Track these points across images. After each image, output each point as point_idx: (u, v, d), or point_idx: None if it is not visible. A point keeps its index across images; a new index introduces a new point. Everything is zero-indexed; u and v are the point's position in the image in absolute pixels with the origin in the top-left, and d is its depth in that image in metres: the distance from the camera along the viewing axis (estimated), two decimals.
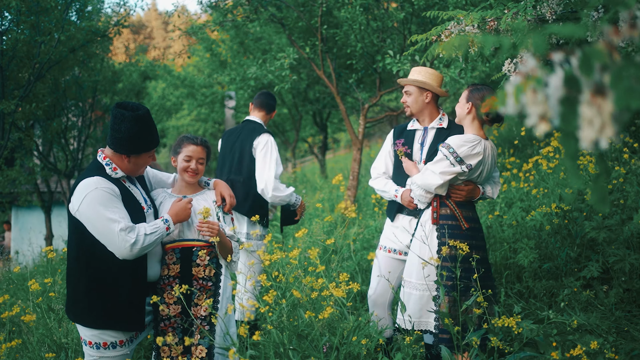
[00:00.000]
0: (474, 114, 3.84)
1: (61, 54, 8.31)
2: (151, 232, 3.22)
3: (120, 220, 3.12)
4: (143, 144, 3.34)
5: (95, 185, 3.17)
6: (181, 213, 3.45)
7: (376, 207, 6.87)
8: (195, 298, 3.51)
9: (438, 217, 3.75)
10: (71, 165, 11.49)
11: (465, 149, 3.68)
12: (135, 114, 3.26)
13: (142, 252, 3.18)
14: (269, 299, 2.55)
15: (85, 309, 3.29)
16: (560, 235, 5.41)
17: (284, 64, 7.34)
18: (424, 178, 3.75)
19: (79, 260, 3.28)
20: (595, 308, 4.80)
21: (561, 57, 1.03)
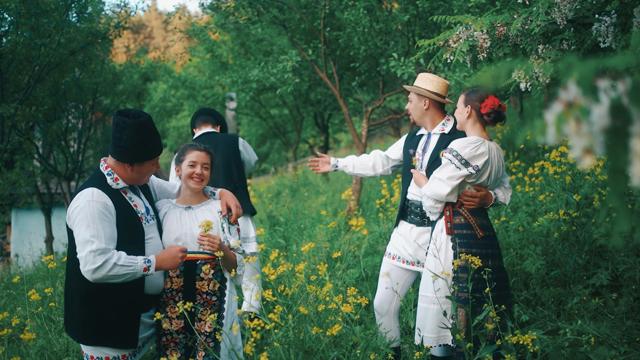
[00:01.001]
0: (474, 117, 3.77)
1: (61, 57, 8.22)
2: (123, 264, 3.04)
3: (95, 240, 3.01)
4: (146, 152, 3.26)
5: (88, 198, 3.10)
6: (169, 260, 3.23)
7: (380, 212, 6.78)
8: (199, 313, 3.43)
9: (452, 226, 3.64)
10: (71, 168, 11.41)
11: (468, 150, 3.60)
12: (137, 121, 3.18)
13: (107, 280, 3.03)
14: (275, 317, 2.47)
15: (80, 325, 3.22)
16: (568, 242, 5.33)
17: (286, 67, 7.26)
18: (432, 187, 3.66)
19: (75, 275, 3.20)
20: (605, 317, 4.71)
21: (607, 84, 0.94)
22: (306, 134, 18.82)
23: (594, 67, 0.87)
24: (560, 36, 3.83)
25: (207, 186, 3.78)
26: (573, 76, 0.88)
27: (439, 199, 3.63)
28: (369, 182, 9.97)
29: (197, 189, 3.61)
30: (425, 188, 3.70)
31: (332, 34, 8.07)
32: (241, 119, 18.25)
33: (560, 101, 0.97)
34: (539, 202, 6.50)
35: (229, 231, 3.59)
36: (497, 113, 3.73)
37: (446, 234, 3.65)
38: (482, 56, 3.97)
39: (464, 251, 3.57)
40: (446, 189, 3.60)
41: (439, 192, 3.61)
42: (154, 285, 3.42)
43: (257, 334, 2.35)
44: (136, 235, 3.25)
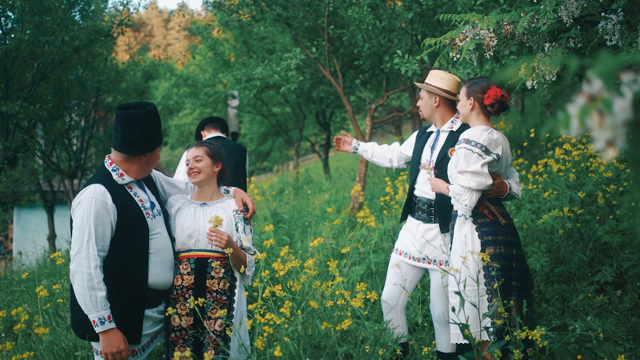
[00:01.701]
0: (478, 109, 3.76)
1: (65, 54, 8.24)
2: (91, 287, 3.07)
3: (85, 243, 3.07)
4: (156, 139, 3.33)
5: (90, 195, 3.14)
6: (110, 345, 3.12)
7: (385, 209, 6.80)
8: (208, 311, 3.45)
9: (491, 213, 3.61)
10: (74, 166, 11.42)
11: (485, 136, 3.57)
12: (147, 110, 3.23)
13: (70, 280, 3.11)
14: (286, 311, 2.49)
15: (82, 321, 3.22)
16: (573, 239, 5.35)
17: (290, 65, 7.27)
18: (477, 180, 3.52)
19: None
20: (610, 314, 4.73)
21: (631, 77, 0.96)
22: (308, 132, 18.83)
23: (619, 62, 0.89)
24: (567, 34, 3.85)
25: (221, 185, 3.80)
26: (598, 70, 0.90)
27: (484, 188, 3.54)
28: (371, 180, 9.98)
29: (196, 182, 3.65)
30: (466, 182, 3.54)
31: (335, 31, 8.08)
32: (243, 117, 18.25)
33: (583, 94, 0.98)
34: (543, 199, 6.51)
35: (244, 230, 3.60)
36: (501, 103, 3.72)
37: (471, 225, 3.60)
38: (488, 54, 3.99)
39: (491, 239, 3.54)
40: (488, 178, 3.52)
41: (485, 183, 3.52)
42: (161, 281, 3.43)
43: (270, 328, 2.37)
44: (140, 230, 3.27)
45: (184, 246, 3.53)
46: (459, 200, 3.58)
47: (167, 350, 3.51)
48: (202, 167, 3.63)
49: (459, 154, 3.61)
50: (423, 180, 4.15)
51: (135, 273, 3.27)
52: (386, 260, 5.77)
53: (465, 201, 3.55)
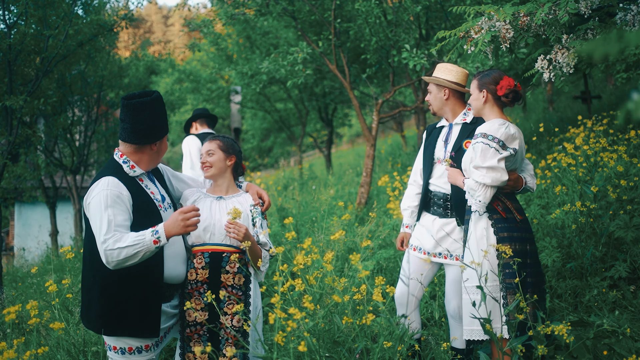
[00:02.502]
0: (491, 101, 3.69)
1: (69, 48, 8.17)
2: (129, 244, 2.98)
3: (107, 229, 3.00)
4: (164, 126, 3.30)
5: (104, 187, 3.10)
6: (173, 225, 3.09)
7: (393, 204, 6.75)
8: (224, 306, 3.40)
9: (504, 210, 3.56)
10: (77, 161, 11.35)
11: (503, 131, 3.51)
12: (153, 97, 3.20)
13: (124, 263, 3.01)
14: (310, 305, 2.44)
15: (99, 316, 3.19)
16: (585, 234, 5.30)
17: (297, 59, 7.21)
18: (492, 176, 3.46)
19: (92, 264, 3.19)
20: (624, 309, 4.69)
21: None
22: (310, 128, 18.78)
23: None
24: (585, 25, 3.79)
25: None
26: None
27: (500, 184, 3.49)
28: (378, 176, 9.93)
29: (208, 176, 3.63)
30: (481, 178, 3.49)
31: (342, 25, 8.01)
32: (246, 112, 18.20)
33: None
34: (552, 194, 6.47)
35: (261, 225, 3.57)
36: (515, 92, 3.65)
37: (487, 221, 3.55)
38: (504, 46, 3.93)
39: (507, 236, 3.50)
40: (503, 174, 3.46)
41: (500, 179, 3.46)
42: (174, 275, 3.39)
43: (294, 322, 2.32)
44: (155, 222, 3.22)
45: (199, 240, 3.49)
46: (473, 195, 3.54)
47: (182, 345, 3.47)
48: (214, 161, 3.60)
49: (476, 148, 3.55)
50: (438, 174, 4.09)
51: (152, 266, 3.23)
52: (396, 256, 5.72)
53: (479, 197, 3.50)
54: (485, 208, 3.54)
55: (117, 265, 3.00)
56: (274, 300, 2.42)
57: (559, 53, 3.81)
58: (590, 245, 5.18)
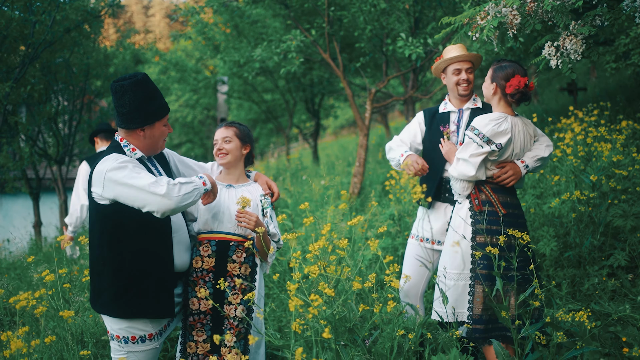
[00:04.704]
0: (499, 95, 3.72)
1: (55, 35, 7.98)
2: (186, 181, 3.01)
3: (145, 177, 2.93)
4: (152, 111, 3.16)
5: (119, 159, 3.02)
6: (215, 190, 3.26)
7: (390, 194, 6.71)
8: (228, 296, 3.34)
9: (480, 203, 3.60)
10: (62, 151, 11.13)
11: (490, 128, 3.55)
12: (134, 80, 3.08)
13: (182, 201, 2.95)
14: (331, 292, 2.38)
15: (112, 299, 3.12)
16: (584, 224, 5.31)
17: (290, 46, 7.12)
18: (458, 168, 3.62)
19: (102, 247, 3.12)
20: (623, 297, 4.71)
21: None
22: (295, 119, 18.68)
23: None
24: (593, 12, 3.77)
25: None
26: None
27: (467, 179, 3.60)
28: (371, 166, 9.90)
29: (223, 163, 3.55)
30: (452, 170, 3.67)
31: (336, 13, 7.93)
32: (233, 103, 18.04)
33: None
34: (547, 184, 6.49)
35: (270, 217, 3.51)
36: (522, 94, 3.65)
37: (475, 210, 3.61)
38: (511, 32, 3.90)
39: (484, 228, 3.54)
40: (471, 169, 3.56)
41: (466, 173, 3.57)
42: (179, 263, 3.33)
43: (315, 309, 2.26)
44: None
45: (206, 227, 3.43)
46: (452, 184, 3.70)
47: (184, 334, 3.42)
48: (231, 149, 3.53)
49: (465, 139, 3.64)
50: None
51: (162, 250, 3.19)
52: (393, 245, 5.69)
53: (454, 185, 3.67)
54: (465, 198, 3.65)
55: (177, 205, 2.93)
56: (293, 288, 2.35)
57: (566, 40, 3.78)
58: (588, 234, 5.19)
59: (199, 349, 3.35)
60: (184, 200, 2.96)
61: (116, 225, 3.08)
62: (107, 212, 3.06)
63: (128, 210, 3.02)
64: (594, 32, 3.67)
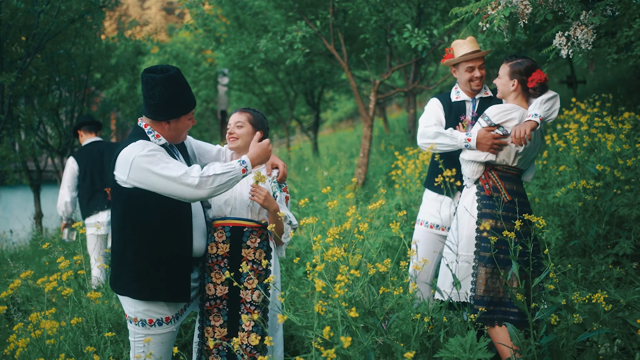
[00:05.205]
0: (519, 90, 3.77)
1: (60, 25, 7.98)
2: (222, 172, 3.04)
3: (175, 168, 3.00)
4: (180, 106, 3.19)
5: (140, 149, 3.04)
6: (262, 154, 3.27)
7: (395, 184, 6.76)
8: (244, 281, 3.39)
9: (491, 188, 3.68)
10: (64, 143, 11.13)
11: (500, 116, 3.67)
12: (166, 75, 3.10)
13: (215, 192, 3.04)
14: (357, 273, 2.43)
15: (132, 280, 3.17)
16: (589, 212, 5.38)
17: (296, 37, 7.15)
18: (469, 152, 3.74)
19: (123, 230, 3.17)
20: (629, 285, 4.78)
21: None
22: (295, 112, 18.70)
23: None
24: (605, 2, 3.82)
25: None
26: None
27: (479, 160, 3.70)
28: (374, 157, 9.95)
29: (233, 147, 3.58)
30: (465, 152, 3.78)
31: (341, 4, 7.95)
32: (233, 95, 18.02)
33: None
34: (552, 174, 6.55)
35: (281, 200, 3.54)
36: (542, 86, 3.74)
37: (474, 195, 3.73)
38: (522, 22, 3.95)
39: (488, 212, 3.64)
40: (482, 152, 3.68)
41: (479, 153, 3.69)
42: (196, 248, 3.38)
43: (341, 290, 2.31)
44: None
45: (220, 213, 3.47)
46: (463, 167, 3.81)
47: (201, 319, 3.46)
48: (241, 134, 3.55)
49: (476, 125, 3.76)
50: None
51: (182, 235, 3.25)
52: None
53: (464, 169, 3.78)
54: (474, 183, 3.75)
55: (210, 193, 3.02)
56: (320, 269, 2.40)
57: (577, 29, 3.83)
58: (594, 223, 5.26)
59: (216, 333, 3.39)
60: (218, 191, 3.05)
61: (138, 208, 3.12)
62: (129, 196, 3.10)
63: (150, 195, 3.07)
64: (604, 22, 3.72)
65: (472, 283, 3.56)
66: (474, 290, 3.54)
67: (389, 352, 2.84)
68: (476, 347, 2.84)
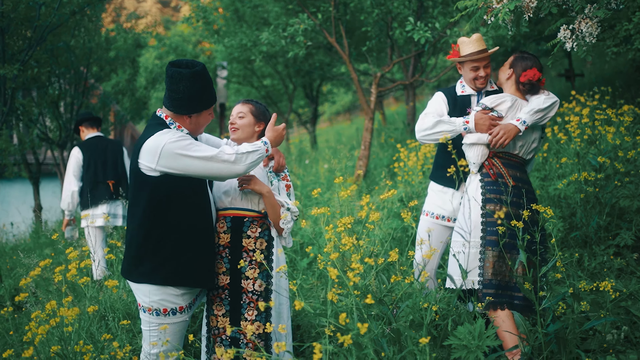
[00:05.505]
0: (513, 80, 3.94)
1: (62, 17, 7.97)
2: (252, 150, 3.21)
3: (208, 149, 3.13)
4: (203, 102, 3.26)
5: (170, 137, 3.10)
6: (278, 138, 3.44)
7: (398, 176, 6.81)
8: (245, 271, 3.43)
9: (495, 174, 3.76)
10: (64, 135, 11.13)
11: (493, 99, 3.84)
12: (193, 70, 3.15)
13: (249, 168, 3.21)
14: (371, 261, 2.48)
15: (156, 267, 3.22)
16: (590, 204, 5.44)
17: (298, 30, 7.17)
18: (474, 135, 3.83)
19: (146, 217, 3.20)
20: (630, 275, 4.84)
21: None
22: (294, 105, 18.72)
23: None
24: None
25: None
26: None
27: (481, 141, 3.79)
28: (374, 150, 9.99)
29: (233, 138, 3.63)
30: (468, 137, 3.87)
31: None
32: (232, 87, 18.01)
33: None
34: (552, 167, 6.61)
35: (278, 188, 3.57)
36: (532, 85, 3.88)
37: (478, 182, 3.81)
38: (527, 16, 3.99)
39: (493, 197, 3.71)
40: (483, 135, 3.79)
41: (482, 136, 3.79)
42: None
43: (357, 277, 2.36)
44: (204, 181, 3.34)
45: (221, 204, 3.53)
46: (466, 153, 3.91)
47: (208, 308, 3.51)
48: (242, 125, 3.59)
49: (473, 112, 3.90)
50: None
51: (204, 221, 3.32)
52: (404, 226, 5.80)
53: (469, 154, 3.86)
54: (478, 169, 3.85)
55: (244, 171, 3.20)
56: (334, 257, 2.45)
57: (582, 23, 3.87)
58: (594, 214, 5.32)
59: (219, 322, 3.44)
60: (250, 168, 3.21)
61: (164, 196, 3.17)
62: (155, 184, 3.14)
63: (176, 182, 3.14)
64: (609, 15, 3.77)
65: (479, 268, 3.61)
66: (482, 275, 3.60)
67: (399, 339, 2.90)
68: (484, 335, 2.90)
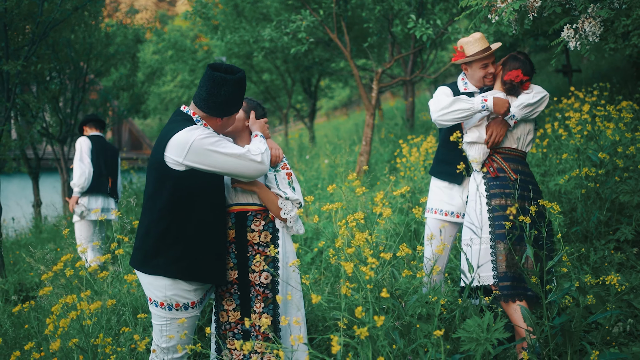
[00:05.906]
0: (499, 77, 4.11)
1: (64, 13, 7.98)
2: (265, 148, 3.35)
3: (237, 147, 3.22)
4: (236, 106, 3.36)
5: (200, 133, 3.16)
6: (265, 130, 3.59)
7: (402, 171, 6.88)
8: (252, 265, 3.48)
9: (495, 170, 3.87)
10: (64, 131, 11.14)
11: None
12: (237, 77, 3.25)
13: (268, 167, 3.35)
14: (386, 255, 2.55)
15: (174, 260, 3.27)
16: (591, 199, 5.52)
17: (301, 26, 7.21)
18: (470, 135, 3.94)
19: (165, 211, 3.25)
20: (631, 269, 4.92)
21: None
22: (293, 100, 18.75)
23: None
24: None
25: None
26: None
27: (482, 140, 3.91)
28: (374, 145, 10.05)
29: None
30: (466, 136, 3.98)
31: None
32: None
33: None
34: (552, 162, 6.69)
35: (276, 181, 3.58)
36: (512, 87, 3.99)
37: (481, 179, 3.90)
38: (531, 15, 4.05)
39: (497, 192, 3.80)
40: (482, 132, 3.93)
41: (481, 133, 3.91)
42: None
43: (372, 271, 2.42)
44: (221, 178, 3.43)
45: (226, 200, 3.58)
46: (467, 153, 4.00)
47: (216, 304, 3.56)
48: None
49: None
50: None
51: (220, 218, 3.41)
52: (407, 220, 5.87)
53: (470, 152, 3.95)
54: (479, 167, 3.95)
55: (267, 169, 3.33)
56: (350, 251, 2.52)
57: (585, 22, 3.94)
58: (595, 210, 5.40)
59: (230, 317, 3.49)
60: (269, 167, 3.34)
61: (187, 190, 3.23)
62: (179, 178, 3.19)
63: (198, 179, 3.22)
64: (612, 15, 3.83)
65: (492, 262, 3.66)
66: (496, 269, 3.65)
67: (408, 332, 2.97)
68: (493, 328, 2.97)
